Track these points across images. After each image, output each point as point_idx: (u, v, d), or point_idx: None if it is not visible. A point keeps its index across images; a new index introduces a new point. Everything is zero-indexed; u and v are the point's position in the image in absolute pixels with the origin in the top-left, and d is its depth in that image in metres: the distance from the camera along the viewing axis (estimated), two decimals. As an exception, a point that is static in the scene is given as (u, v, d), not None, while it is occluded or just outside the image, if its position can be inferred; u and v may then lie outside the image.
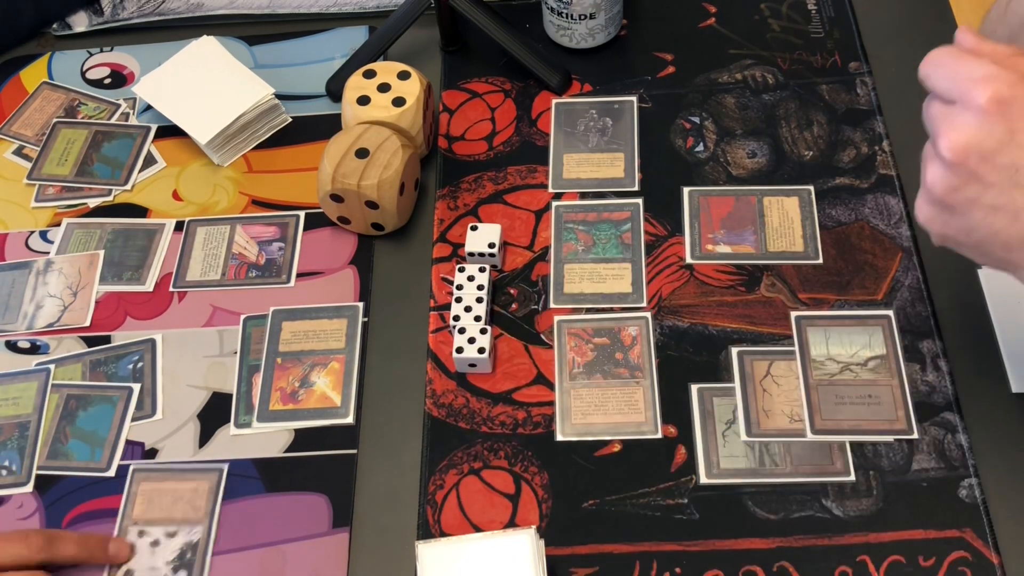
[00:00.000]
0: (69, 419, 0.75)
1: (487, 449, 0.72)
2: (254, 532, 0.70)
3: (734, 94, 0.89)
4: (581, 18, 0.89)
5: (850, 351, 0.74)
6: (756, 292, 0.78)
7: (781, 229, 0.80)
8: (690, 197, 0.83)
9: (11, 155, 0.91)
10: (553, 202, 0.84)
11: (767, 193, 0.83)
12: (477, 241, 0.79)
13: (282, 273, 0.82)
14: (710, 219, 0.82)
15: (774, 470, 0.69)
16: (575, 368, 0.75)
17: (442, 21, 0.92)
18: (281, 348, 0.78)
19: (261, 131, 0.90)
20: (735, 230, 0.81)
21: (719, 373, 0.74)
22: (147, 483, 0.72)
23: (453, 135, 0.89)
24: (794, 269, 0.78)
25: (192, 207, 0.86)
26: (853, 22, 0.93)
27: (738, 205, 0.82)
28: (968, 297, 0.76)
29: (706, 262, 0.79)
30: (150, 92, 0.91)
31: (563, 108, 0.89)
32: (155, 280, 0.82)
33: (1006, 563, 0.65)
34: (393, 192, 0.78)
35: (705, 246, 0.80)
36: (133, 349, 0.79)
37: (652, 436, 0.72)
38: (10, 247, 0.85)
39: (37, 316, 0.81)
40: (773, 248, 0.80)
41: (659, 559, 0.67)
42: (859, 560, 0.66)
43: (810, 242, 0.80)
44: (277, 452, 0.73)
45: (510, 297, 0.79)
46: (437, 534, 0.69)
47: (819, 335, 0.75)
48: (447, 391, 0.75)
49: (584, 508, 0.69)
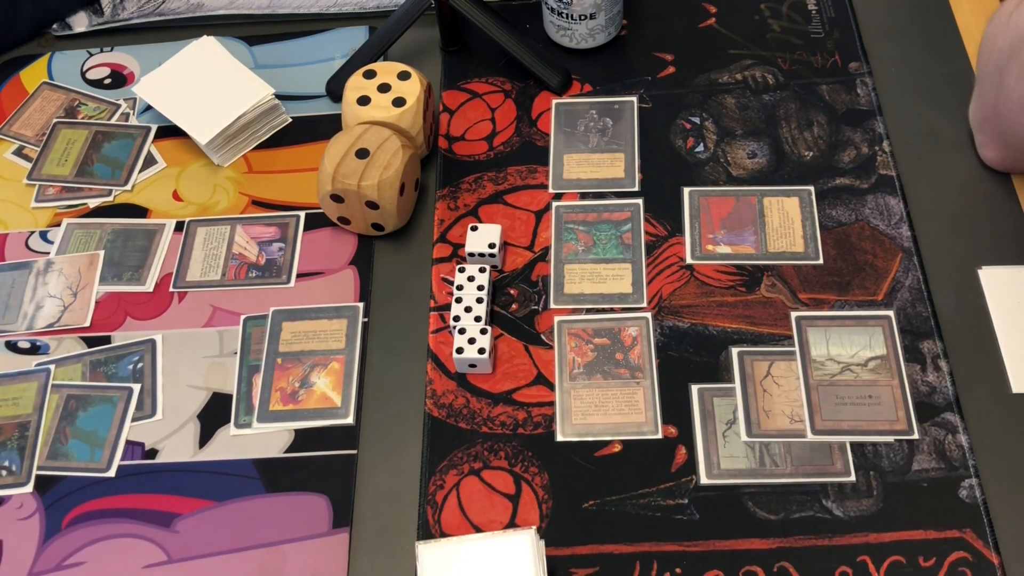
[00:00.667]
0: (69, 419, 0.75)
1: (487, 449, 0.72)
2: (254, 532, 0.70)
3: (734, 94, 0.89)
4: (581, 18, 0.89)
5: (850, 351, 0.74)
6: (756, 292, 0.78)
7: (781, 229, 0.80)
8: (690, 197, 0.83)
9: (11, 155, 0.91)
10: (553, 202, 0.84)
11: (767, 193, 0.83)
12: (477, 241, 0.79)
13: (282, 273, 0.82)
14: (710, 219, 0.82)
15: (774, 470, 0.69)
16: (575, 368, 0.75)
17: (442, 21, 0.92)
18: (281, 348, 0.78)
19: (261, 131, 0.90)
20: (735, 230, 0.81)
21: (719, 373, 0.74)
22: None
23: (453, 135, 0.89)
24: (794, 269, 0.78)
25: (192, 207, 0.86)
26: (853, 22, 0.93)
27: (738, 205, 0.82)
28: (968, 297, 0.76)
29: (706, 262, 0.79)
30: (150, 92, 0.91)
31: (563, 108, 0.89)
32: (155, 280, 0.82)
33: (1006, 563, 0.65)
34: (393, 192, 0.78)
35: (705, 246, 0.80)
36: (133, 349, 0.79)
37: (652, 436, 0.72)
38: (10, 247, 0.85)
39: (37, 316, 0.81)
40: (773, 248, 0.80)
41: (659, 559, 0.67)
42: (859, 560, 0.66)
43: (810, 242, 0.80)
44: (277, 452, 0.73)
45: (510, 297, 0.79)
46: (437, 534, 0.69)
47: (819, 335, 0.75)
48: (447, 391, 0.75)
49: (584, 508, 0.69)
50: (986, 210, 0.80)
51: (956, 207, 0.81)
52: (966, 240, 0.79)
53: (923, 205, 0.81)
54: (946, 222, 0.80)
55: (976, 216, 0.80)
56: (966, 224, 0.79)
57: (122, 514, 0.71)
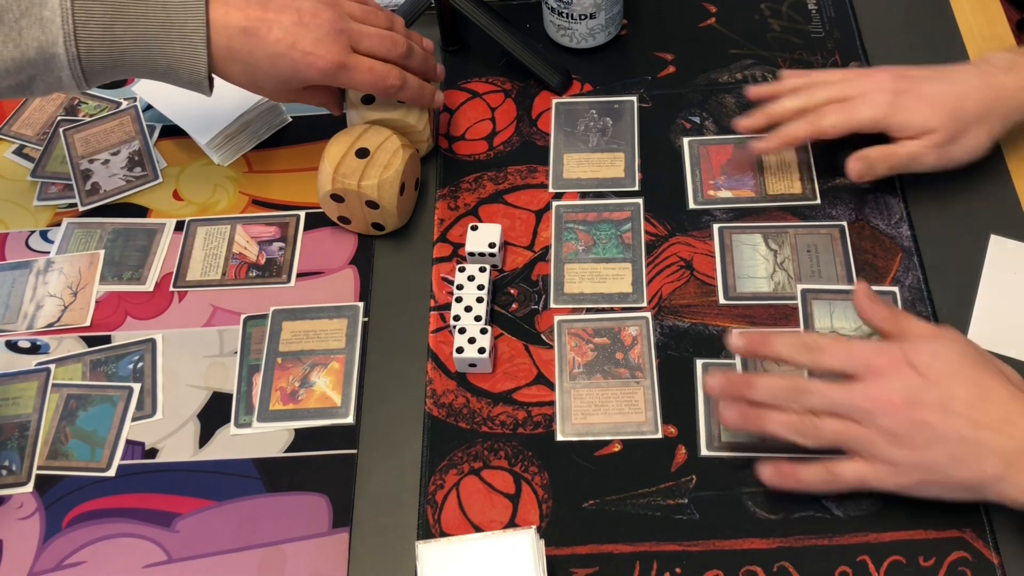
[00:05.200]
0: (69, 419, 0.75)
1: (487, 449, 0.72)
2: (254, 532, 0.70)
3: (734, 94, 0.89)
4: (581, 18, 0.89)
5: (854, 325, 0.74)
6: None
7: (780, 173, 0.83)
8: (690, 147, 0.85)
9: (11, 155, 0.91)
10: (553, 202, 0.84)
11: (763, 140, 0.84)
12: (477, 241, 0.79)
13: (282, 273, 0.82)
14: (710, 166, 0.84)
15: (774, 444, 0.69)
16: (575, 368, 0.75)
17: (442, 21, 0.92)
18: (281, 348, 0.78)
19: (261, 131, 0.90)
20: (735, 175, 0.83)
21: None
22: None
23: (453, 135, 0.89)
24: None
25: (192, 207, 0.87)
26: (853, 22, 0.93)
27: (736, 152, 0.84)
28: (968, 297, 0.76)
29: (709, 206, 0.82)
30: (150, 92, 0.91)
31: (563, 108, 0.89)
32: (155, 280, 0.82)
33: (1006, 563, 0.65)
34: (393, 192, 0.78)
35: (707, 192, 0.82)
36: (133, 349, 0.79)
37: (652, 436, 0.72)
38: (10, 247, 0.85)
39: (37, 316, 0.81)
40: (772, 191, 0.82)
41: (659, 559, 0.67)
42: (859, 560, 0.66)
43: (807, 184, 0.82)
44: (277, 452, 0.73)
45: (510, 297, 0.79)
46: (437, 534, 0.69)
47: (823, 308, 0.75)
48: (447, 391, 0.75)
49: (584, 508, 0.69)
50: (986, 210, 0.80)
51: (956, 207, 0.80)
52: (966, 240, 0.79)
53: (923, 205, 0.81)
54: (946, 222, 0.80)
55: (976, 216, 0.80)
56: (966, 224, 0.79)
57: (122, 514, 0.71)
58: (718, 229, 0.81)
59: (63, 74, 0.71)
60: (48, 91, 0.74)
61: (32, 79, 0.72)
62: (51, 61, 0.70)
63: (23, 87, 0.72)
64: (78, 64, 0.71)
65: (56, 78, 0.72)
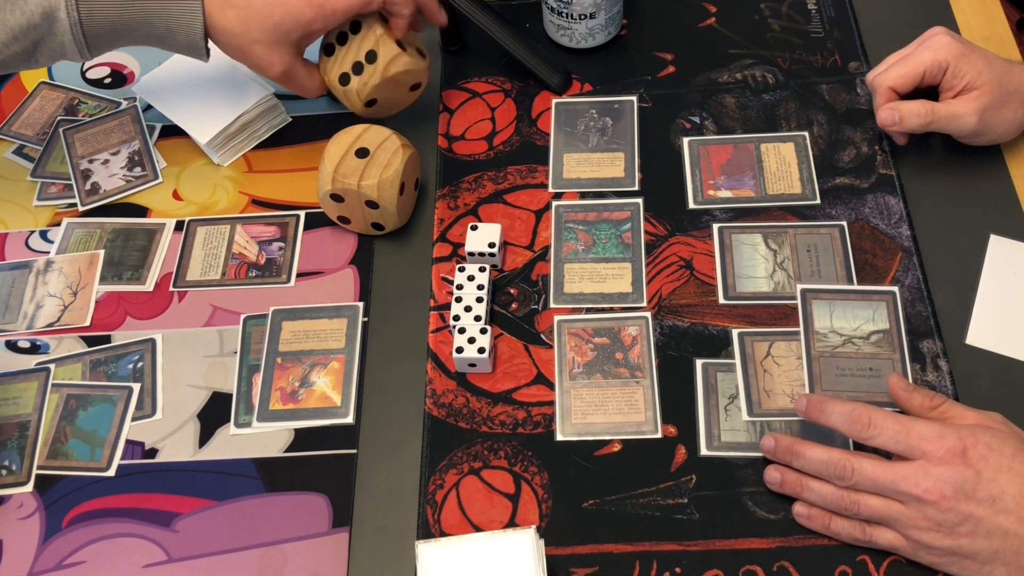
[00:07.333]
0: (69, 419, 0.75)
1: (487, 449, 0.72)
2: (254, 531, 0.70)
3: (734, 94, 0.89)
4: (581, 18, 0.89)
5: (853, 324, 0.74)
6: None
7: (779, 173, 0.83)
8: (690, 147, 0.85)
9: (11, 155, 0.91)
10: (553, 202, 0.84)
11: (764, 140, 0.85)
12: (477, 241, 0.80)
13: (282, 273, 0.82)
14: (710, 166, 0.84)
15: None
16: (575, 368, 0.75)
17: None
18: (281, 348, 0.78)
19: (261, 131, 0.90)
20: (735, 175, 0.83)
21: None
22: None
23: (453, 135, 0.89)
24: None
25: (192, 207, 0.87)
26: (853, 22, 0.93)
27: (736, 152, 0.84)
28: (968, 297, 0.76)
29: (709, 206, 0.82)
30: (150, 92, 0.91)
31: (563, 108, 0.89)
32: (155, 280, 0.82)
33: (1006, 563, 0.65)
34: (393, 192, 0.78)
35: (707, 192, 0.82)
36: (133, 349, 0.79)
37: (652, 436, 0.72)
38: (10, 247, 0.85)
39: (37, 316, 0.81)
40: (772, 191, 0.82)
41: (659, 559, 0.67)
42: (859, 560, 0.66)
43: (807, 184, 0.82)
44: (277, 452, 0.73)
45: (510, 297, 0.79)
46: (437, 534, 0.69)
47: (823, 308, 0.75)
48: (447, 391, 0.75)
49: (584, 508, 0.69)
50: (986, 210, 0.80)
51: (956, 207, 0.81)
52: (966, 240, 0.79)
53: (923, 205, 0.81)
54: (946, 222, 0.80)
55: (976, 216, 0.80)
56: (966, 224, 0.79)
57: (122, 513, 0.71)
58: (718, 229, 0.81)
59: (65, 39, 0.75)
60: (51, 59, 0.78)
61: (36, 44, 0.76)
62: (54, 25, 0.74)
63: (28, 54, 0.76)
64: (79, 28, 0.75)
65: (59, 43, 0.76)
